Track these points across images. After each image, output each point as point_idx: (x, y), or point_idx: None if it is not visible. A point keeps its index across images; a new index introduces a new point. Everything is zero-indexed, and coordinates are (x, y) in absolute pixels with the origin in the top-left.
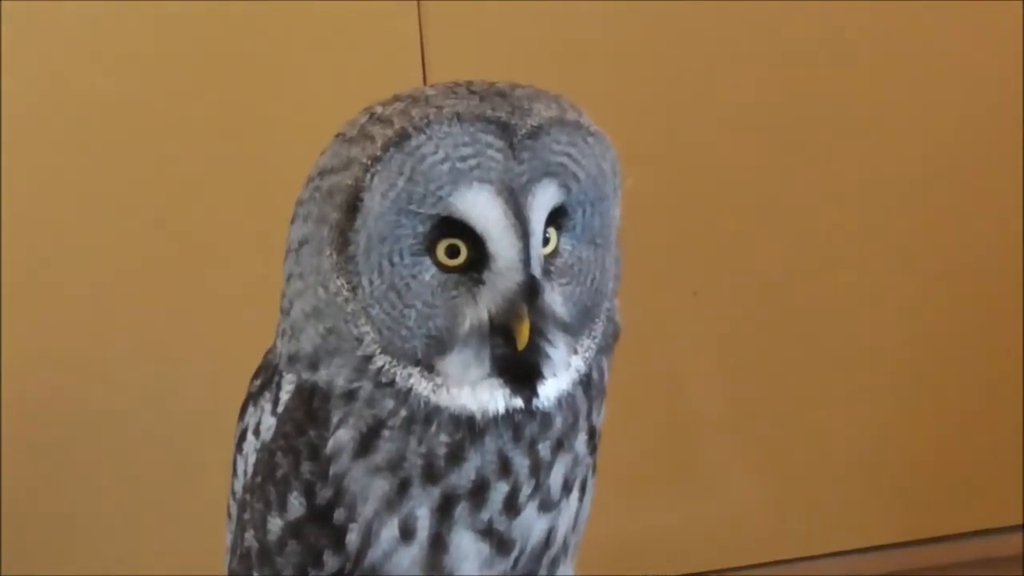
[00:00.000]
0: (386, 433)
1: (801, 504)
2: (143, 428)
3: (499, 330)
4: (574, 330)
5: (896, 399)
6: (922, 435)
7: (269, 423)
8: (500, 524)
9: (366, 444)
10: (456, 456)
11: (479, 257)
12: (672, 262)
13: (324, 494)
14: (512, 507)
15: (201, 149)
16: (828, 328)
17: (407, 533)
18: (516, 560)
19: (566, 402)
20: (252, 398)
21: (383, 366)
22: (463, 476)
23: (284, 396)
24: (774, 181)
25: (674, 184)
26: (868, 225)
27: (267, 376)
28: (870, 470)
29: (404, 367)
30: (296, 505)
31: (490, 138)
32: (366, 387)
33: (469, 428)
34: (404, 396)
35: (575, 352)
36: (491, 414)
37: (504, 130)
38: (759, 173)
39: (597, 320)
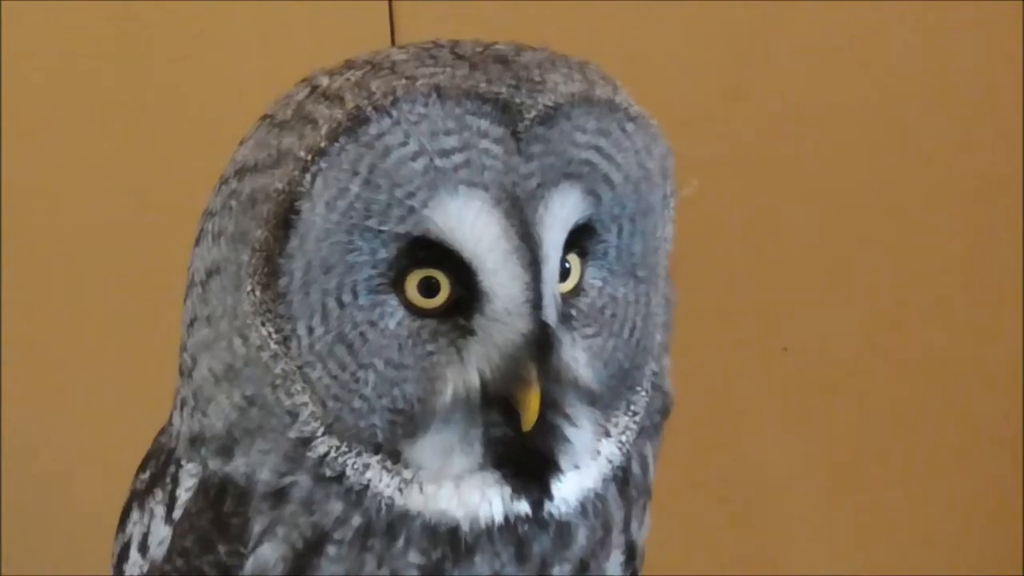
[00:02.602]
0: (331, 550)
1: None
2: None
3: (496, 402)
4: (605, 402)
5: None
6: None
7: (162, 535)
8: None
9: (302, 565)
10: None
11: (467, 296)
12: (758, 313)
13: None
14: None
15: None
16: (938, 390)
17: None
18: None
19: (593, 507)
20: (137, 498)
21: (327, 453)
22: None
23: (183, 495)
24: (872, 223)
25: (759, 224)
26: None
27: (159, 466)
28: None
29: (358, 455)
30: None
31: (485, 124)
32: (303, 483)
33: (452, 544)
34: (358, 497)
35: (606, 434)
36: (484, 524)
37: (505, 112)
38: (855, 214)
39: (638, 388)
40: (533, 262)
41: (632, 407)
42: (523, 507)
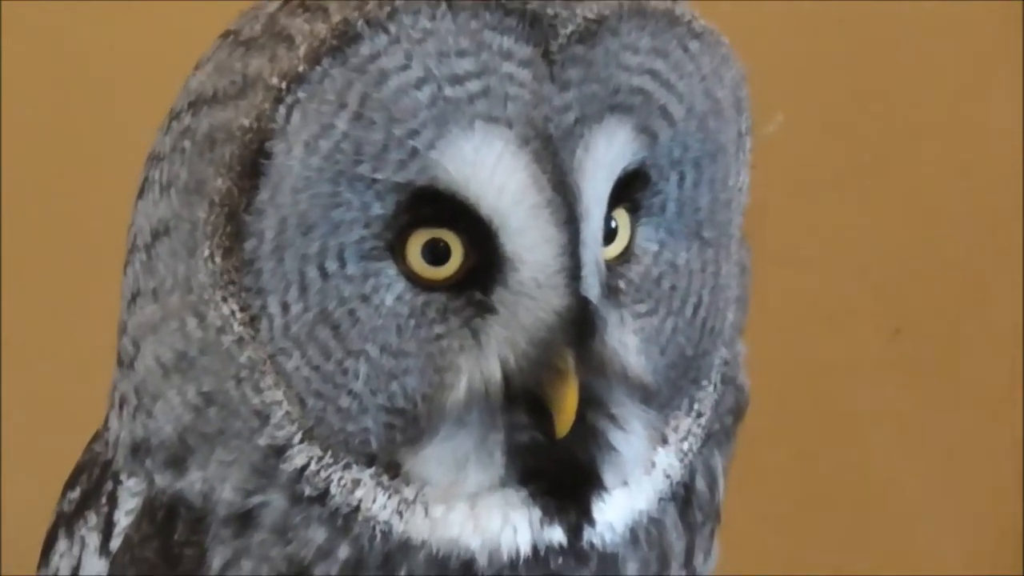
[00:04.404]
0: None
1: None
2: None
3: (522, 399)
4: (662, 400)
5: None
6: None
7: (96, 569)
8: None
9: None
10: None
11: (486, 263)
12: (869, 293)
13: None
14: None
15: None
16: None
17: None
18: None
19: (646, 534)
20: (65, 523)
21: (306, 465)
22: None
23: (123, 520)
24: (992, 196)
25: (866, 174)
26: None
27: (92, 483)
28: None
29: (346, 468)
30: None
31: (509, 42)
32: (275, 503)
33: None
34: (346, 521)
35: (663, 441)
36: (506, 556)
37: (534, 27)
38: (973, 187)
39: (704, 382)
40: (570, 219)
41: (696, 406)
42: (557, 534)
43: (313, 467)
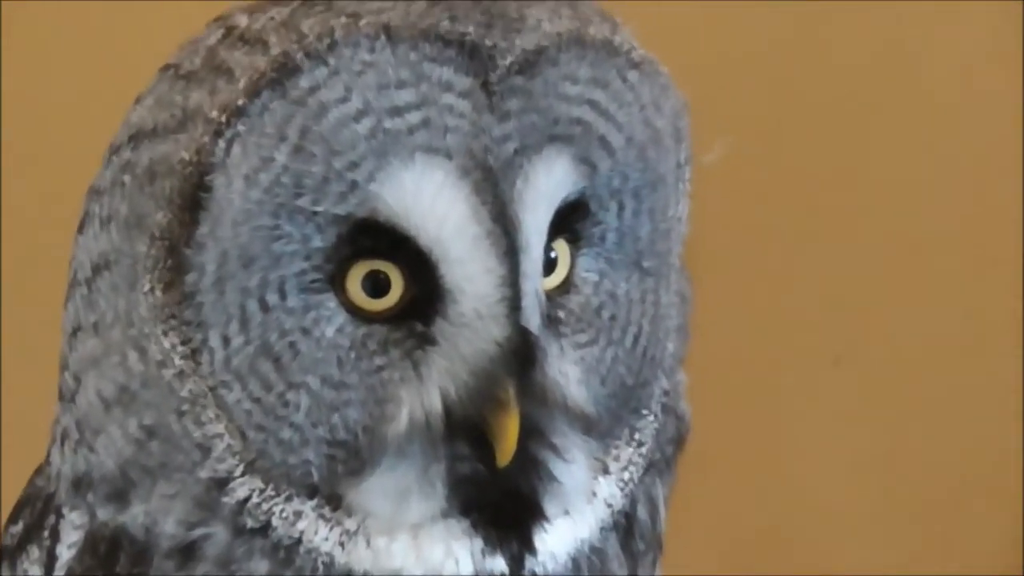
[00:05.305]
0: None
1: None
2: None
3: (464, 430)
4: (603, 430)
5: None
6: None
7: None
8: None
9: None
10: None
11: (426, 295)
12: (804, 319)
13: None
14: None
15: None
16: (1012, 410)
17: None
18: None
19: (588, 563)
20: (8, 557)
21: (248, 498)
22: None
23: (66, 553)
24: (938, 220)
25: (804, 204)
26: None
27: (35, 516)
28: None
29: (288, 500)
30: None
31: (448, 73)
32: (218, 536)
33: None
34: (288, 553)
35: (605, 471)
36: None
37: (474, 58)
38: (921, 207)
39: (645, 411)
40: (510, 250)
41: (637, 435)
42: (499, 565)
43: (255, 499)
